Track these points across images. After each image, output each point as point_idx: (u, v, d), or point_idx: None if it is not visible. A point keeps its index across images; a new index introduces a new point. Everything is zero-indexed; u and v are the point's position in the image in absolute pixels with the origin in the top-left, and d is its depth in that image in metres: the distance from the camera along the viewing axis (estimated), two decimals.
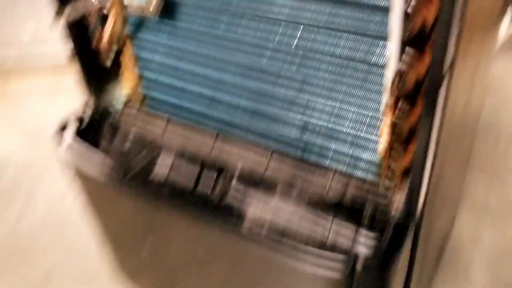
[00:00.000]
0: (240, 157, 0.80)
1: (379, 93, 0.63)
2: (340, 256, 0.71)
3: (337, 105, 0.68)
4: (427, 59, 0.56)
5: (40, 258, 1.39)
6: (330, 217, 0.76)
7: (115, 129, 0.97)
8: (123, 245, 1.09)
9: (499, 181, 1.49)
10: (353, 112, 0.67)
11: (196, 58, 0.79)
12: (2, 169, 1.75)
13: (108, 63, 0.94)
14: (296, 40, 0.66)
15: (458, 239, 1.31)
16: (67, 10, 0.76)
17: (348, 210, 0.72)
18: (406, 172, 0.68)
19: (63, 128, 0.96)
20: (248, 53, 0.72)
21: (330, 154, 0.73)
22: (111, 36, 0.89)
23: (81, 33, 0.89)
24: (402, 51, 0.58)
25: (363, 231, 0.71)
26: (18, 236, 1.48)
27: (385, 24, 0.58)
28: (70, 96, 2.08)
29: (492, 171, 1.53)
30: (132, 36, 0.85)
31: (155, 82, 0.89)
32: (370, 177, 0.71)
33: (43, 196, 1.62)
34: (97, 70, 1.01)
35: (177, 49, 0.81)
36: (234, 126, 0.83)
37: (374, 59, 0.62)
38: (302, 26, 0.65)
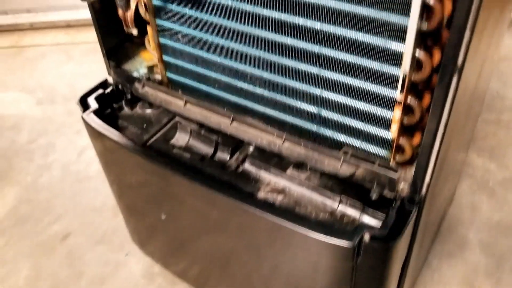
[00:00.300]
0: (256, 137, 0.85)
1: (396, 77, 0.67)
2: (349, 227, 0.77)
3: (354, 84, 0.72)
4: (443, 44, 0.60)
5: (58, 214, 1.46)
6: (339, 192, 0.82)
7: (136, 98, 1.01)
8: (138, 211, 1.15)
9: (498, 157, 1.54)
10: (369, 91, 0.71)
11: (216, 47, 0.83)
12: (21, 125, 1.81)
13: (135, 32, 0.97)
14: (317, 29, 0.69)
15: (456, 214, 1.37)
16: None
17: (358, 185, 0.78)
18: (415, 150, 0.74)
19: (88, 94, 1.01)
20: (265, 45, 0.76)
21: (345, 130, 0.78)
22: (137, 6, 0.92)
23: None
24: (420, 40, 0.62)
25: (371, 207, 0.77)
26: (38, 190, 1.55)
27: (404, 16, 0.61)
28: (83, 56, 2.13)
29: (492, 147, 1.58)
30: (158, 11, 0.88)
31: (176, 66, 0.92)
32: (382, 152, 0.76)
33: (60, 153, 1.68)
34: (119, 39, 1.05)
35: (197, 38, 0.84)
36: (249, 112, 0.88)
37: (392, 45, 0.65)
38: (321, 18, 0.68)
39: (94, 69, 1.99)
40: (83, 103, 1.00)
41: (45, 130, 1.78)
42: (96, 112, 0.98)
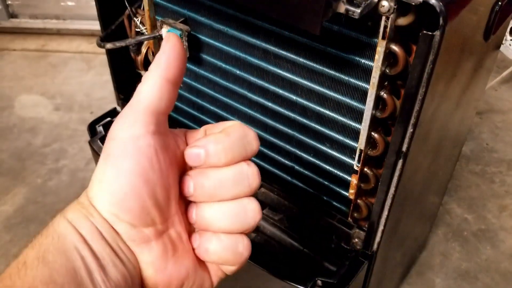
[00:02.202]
0: None
1: (355, 148, 0.77)
2: (308, 270, 0.88)
3: (321, 149, 0.83)
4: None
5: None
6: (307, 235, 0.92)
7: None
8: None
9: (477, 209, 1.63)
10: (333, 158, 0.82)
11: (211, 98, 0.94)
12: (38, 129, 1.94)
13: (143, 73, 1.09)
14: (295, 96, 0.80)
15: (427, 259, 1.46)
16: (111, 44, 0.90)
17: (320, 236, 0.88)
18: (370, 211, 0.84)
19: (97, 121, 1.13)
20: (250, 104, 0.87)
21: (313, 184, 0.89)
22: (147, 51, 1.04)
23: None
24: (375, 124, 0.72)
25: (331, 254, 0.88)
26: (46, 192, 1.68)
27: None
28: (102, 67, 2.27)
29: (473, 198, 1.67)
30: None
31: (176, 106, 1.04)
32: (343, 207, 0.86)
33: (70, 159, 1.81)
34: (130, 75, 1.17)
35: (195, 88, 0.96)
36: None
37: (352, 124, 0.76)
38: (296, 92, 0.79)
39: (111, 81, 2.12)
40: (91, 129, 1.12)
41: (59, 135, 1.91)
42: (102, 139, 1.10)
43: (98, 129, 1.12)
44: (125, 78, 1.17)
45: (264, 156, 0.93)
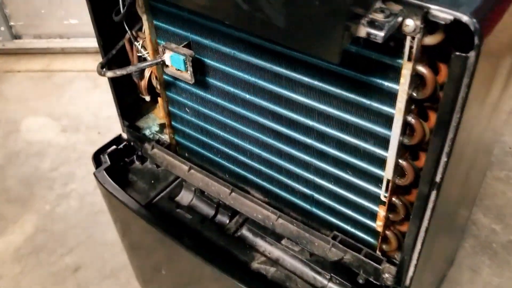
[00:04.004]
0: (252, 210, 0.89)
1: (381, 177, 0.70)
2: None
3: (343, 177, 0.76)
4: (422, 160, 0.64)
5: (71, 246, 1.54)
6: (330, 269, 0.85)
7: (144, 159, 1.07)
8: (141, 261, 1.21)
9: (505, 218, 1.54)
10: (356, 186, 0.75)
11: (220, 123, 0.88)
12: (45, 152, 1.90)
13: (147, 98, 1.03)
14: (311, 122, 0.74)
15: (456, 277, 1.38)
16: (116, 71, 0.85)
17: (346, 269, 0.81)
18: (400, 242, 0.77)
19: (102, 150, 1.08)
20: (263, 130, 0.80)
21: (336, 214, 0.82)
22: (150, 78, 0.99)
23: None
24: (402, 151, 0.65)
25: None
26: (55, 220, 1.63)
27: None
28: (109, 85, 2.23)
29: (500, 206, 1.58)
30: (168, 85, 0.94)
31: (183, 131, 0.98)
32: (370, 238, 0.79)
33: (79, 183, 1.76)
34: (134, 99, 1.11)
35: (203, 113, 0.90)
36: (248, 183, 0.92)
37: (377, 151, 0.69)
38: (313, 117, 0.72)
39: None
40: (96, 159, 1.06)
41: (67, 158, 1.87)
42: (107, 169, 1.04)
43: (103, 159, 1.07)
44: (130, 103, 1.11)
45: (280, 183, 0.87)
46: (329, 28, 0.49)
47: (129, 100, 1.11)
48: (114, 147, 1.08)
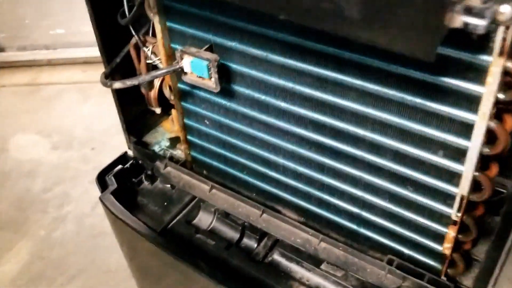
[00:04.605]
0: (289, 234, 0.78)
1: (451, 194, 0.60)
2: None
3: (401, 193, 0.65)
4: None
5: (71, 273, 1.41)
6: None
7: (154, 179, 0.95)
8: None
9: None
10: (418, 203, 0.65)
11: (247, 136, 0.77)
12: (36, 172, 1.77)
13: (158, 110, 0.92)
14: (362, 133, 0.63)
15: None
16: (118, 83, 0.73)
17: None
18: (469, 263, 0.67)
19: (106, 170, 0.96)
20: (301, 142, 0.70)
21: (390, 235, 0.71)
22: (161, 88, 0.87)
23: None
24: (481, 162, 0.55)
25: None
26: (51, 245, 1.50)
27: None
28: (100, 97, 2.10)
29: None
30: (184, 95, 0.82)
31: (201, 146, 0.87)
32: (431, 261, 0.69)
33: (75, 204, 1.63)
34: (140, 111, 1.00)
35: (226, 125, 0.79)
36: (280, 201, 0.82)
37: (448, 164, 0.59)
38: (370, 122, 0.62)
39: (112, 111, 1.95)
40: (101, 181, 0.94)
41: (60, 178, 1.74)
42: (114, 193, 0.92)
43: (109, 181, 0.95)
44: (135, 117, 1.00)
45: (320, 201, 0.76)
46: (424, 18, 0.38)
47: (134, 112, 0.99)
48: (120, 166, 0.96)
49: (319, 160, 0.71)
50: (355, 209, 0.72)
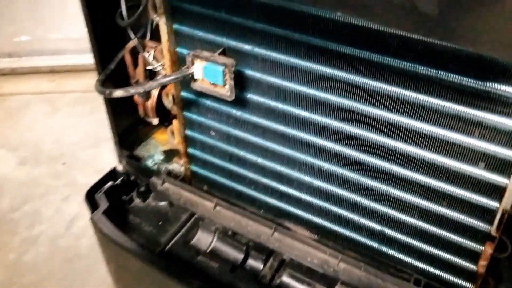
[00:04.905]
0: (305, 254, 0.73)
1: (490, 209, 0.57)
2: None
3: (433, 209, 0.61)
4: None
5: None
6: None
7: (146, 196, 0.88)
8: None
9: None
10: (451, 219, 0.61)
11: (259, 148, 0.72)
12: (2, 190, 1.63)
13: (155, 121, 0.85)
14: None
15: None
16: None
17: None
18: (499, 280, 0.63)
19: (95, 187, 0.87)
20: (320, 154, 0.65)
21: (414, 253, 0.67)
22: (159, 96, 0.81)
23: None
24: None
25: None
26: (22, 271, 1.37)
27: None
28: (70, 107, 1.99)
29: None
30: (188, 104, 0.76)
31: (203, 160, 0.81)
32: (460, 281, 0.65)
33: (47, 223, 1.51)
34: (132, 122, 0.92)
35: (234, 136, 0.73)
36: (291, 218, 0.76)
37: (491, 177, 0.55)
38: (402, 131, 0.57)
39: (83, 123, 1.84)
40: (90, 199, 0.86)
41: (29, 195, 1.61)
42: (106, 212, 0.84)
43: (100, 199, 0.86)
44: (126, 128, 0.92)
45: (338, 218, 0.71)
46: None
47: (126, 124, 0.92)
48: (111, 183, 0.88)
49: (341, 173, 0.66)
50: (378, 226, 0.68)
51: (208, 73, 0.63)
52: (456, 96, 0.52)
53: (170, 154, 0.94)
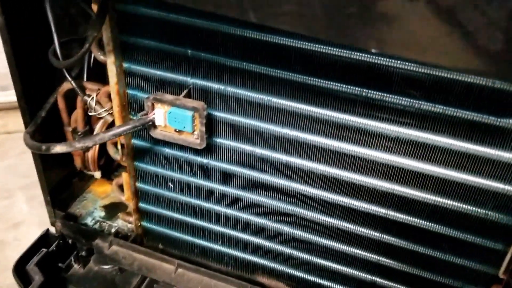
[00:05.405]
0: None
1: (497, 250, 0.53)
2: None
3: (430, 253, 0.57)
4: None
5: None
6: None
7: (89, 251, 0.74)
8: None
9: None
10: (452, 262, 0.56)
11: (229, 198, 0.63)
12: None
13: (98, 175, 0.72)
14: None
15: None
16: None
17: None
18: None
19: (25, 257, 0.72)
20: (310, 197, 0.58)
21: None
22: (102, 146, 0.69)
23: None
24: None
25: None
26: None
27: None
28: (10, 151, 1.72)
29: None
30: (140, 154, 0.65)
31: (158, 215, 0.70)
32: None
33: None
34: (65, 175, 0.79)
35: (200, 186, 0.64)
36: (265, 272, 0.68)
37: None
38: (402, 174, 0.52)
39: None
40: (20, 274, 0.71)
41: None
42: (42, 287, 0.69)
43: (31, 271, 0.71)
44: (58, 183, 0.78)
45: (322, 270, 0.64)
46: None
47: (57, 178, 0.78)
48: (44, 250, 0.73)
49: (327, 221, 0.59)
50: (369, 276, 0.61)
51: (173, 120, 0.53)
52: (466, 134, 0.48)
53: (112, 209, 0.81)
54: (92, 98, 0.62)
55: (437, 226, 0.54)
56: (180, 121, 0.53)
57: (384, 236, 0.57)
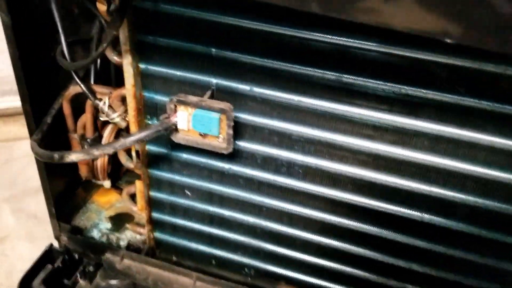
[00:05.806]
0: None
1: None
2: None
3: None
4: None
5: None
6: None
7: (97, 265, 0.69)
8: None
9: None
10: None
11: (251, 206, 0.60)
12: None
13: (107, 184, 0.68)
14: None
15: None
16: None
17: None
18: None
19: (30, 275, 0.67)
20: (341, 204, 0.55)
21: None
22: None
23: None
24: None
25: None
26: None
27: None
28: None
29: None
30: (155, 160, 0.61)
31: (172, 225, 0.66)
32: None
33: None
34: (69, 186, 0.74)
35: (219, 194, 0.60)
36: (290, 282, 0.65)
37: None
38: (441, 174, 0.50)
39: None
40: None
41: None
42: None
43: None
44: (62, 194, 0.73)
45: (357, 282, 0.61)
46: None
47: (60, 188, 0.73)
48: (49, 267, 0.68)
49: (363, 228, 0.56)
50: (396, 283, 0.59)
51: (199, 122, 0.50)
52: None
53: (118, 220, 0.77)
54: (104, 102, 0.58)
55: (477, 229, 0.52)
56: (205, 124, 0.50)
57: (405, 238, 0.55)
